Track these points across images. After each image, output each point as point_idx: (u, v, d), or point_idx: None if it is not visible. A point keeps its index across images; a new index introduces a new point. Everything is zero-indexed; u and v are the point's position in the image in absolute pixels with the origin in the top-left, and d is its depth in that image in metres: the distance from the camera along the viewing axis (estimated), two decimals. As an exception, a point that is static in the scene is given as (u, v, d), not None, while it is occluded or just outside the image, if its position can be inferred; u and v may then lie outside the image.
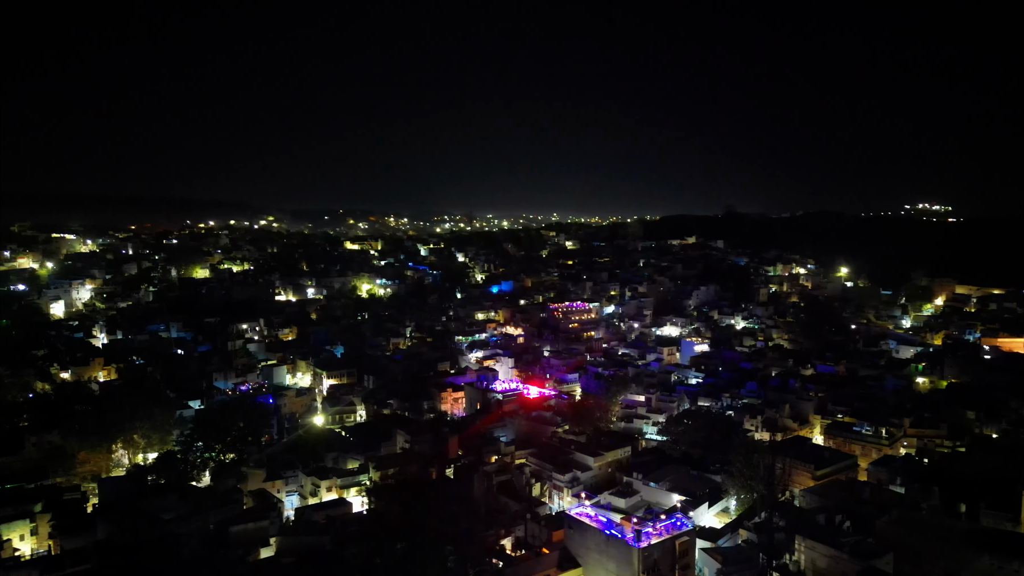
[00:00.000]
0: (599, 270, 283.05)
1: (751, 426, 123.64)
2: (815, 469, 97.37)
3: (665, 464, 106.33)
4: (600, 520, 73.72)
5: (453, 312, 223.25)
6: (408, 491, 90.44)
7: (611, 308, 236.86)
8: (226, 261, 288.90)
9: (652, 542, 68.19)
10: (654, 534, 68.76)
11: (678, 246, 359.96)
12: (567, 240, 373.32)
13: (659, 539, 68.28)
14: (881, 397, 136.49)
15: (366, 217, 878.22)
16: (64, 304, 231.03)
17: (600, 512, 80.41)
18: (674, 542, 69.19)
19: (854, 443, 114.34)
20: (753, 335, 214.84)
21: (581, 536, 72.90)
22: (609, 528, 71.31)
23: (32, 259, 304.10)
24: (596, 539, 70.25)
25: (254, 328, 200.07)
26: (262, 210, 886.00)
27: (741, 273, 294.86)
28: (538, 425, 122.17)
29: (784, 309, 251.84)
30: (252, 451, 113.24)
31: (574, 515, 75.93)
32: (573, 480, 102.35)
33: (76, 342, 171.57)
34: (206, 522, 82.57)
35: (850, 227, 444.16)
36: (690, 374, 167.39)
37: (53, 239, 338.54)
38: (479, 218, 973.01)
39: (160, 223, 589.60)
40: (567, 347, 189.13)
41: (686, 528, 72.44)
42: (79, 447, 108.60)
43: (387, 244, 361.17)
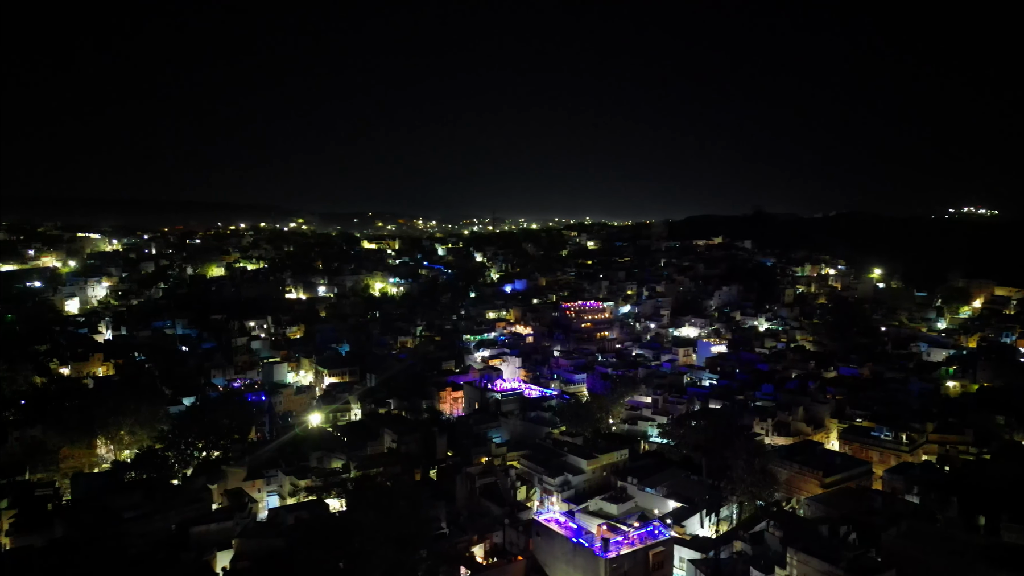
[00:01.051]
0: (617, 269, 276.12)
1: (761, 429, 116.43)
2: (823, 476, 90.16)
3: (664, 468, 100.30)
4: (570, 527, 67.92)
5: (465, 311, 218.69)
6: (381, 493, 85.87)
7: (627, 308, 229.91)
8: (242, 260, 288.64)
9: (622, 552, 62.15)
10: (625, 543, 62.68)
11: (703, 246, 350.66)
12: (588, 240, 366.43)
13: (630, 549, 62.19)
14: (904, 401, 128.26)
15: (395, 220, 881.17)
16: (79, 301, 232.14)
17: (579, 518, 74.65)
18: (647, 552, 63.14)
19: (871, 449, 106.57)
20: (776, 336, 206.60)
21: (549, 544, 67.30)
22: (578, 536, 65.58)
23: (55, 257, 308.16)
24: (563, 548, 64.58)
25: (261, 325, 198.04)
26: (293, 212, 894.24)
27: (767, 273, 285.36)
28: (534, 426, 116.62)
29: (810, 310, 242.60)
30: (236, 449, 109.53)
31: (542, 521, 70.10)
32: (564, 484, 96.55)
33: (79, 338, 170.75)
34: (167, 522, 78.70)
35: (886, 229, 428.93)
36: (704, 375, 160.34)
37: (78, 238, 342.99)
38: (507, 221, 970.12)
39: (192, 225, 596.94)
40: (578, 347, 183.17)
41: (662, 537, 66.28)
42: (60, 442, 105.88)
43: (404, 244, 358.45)
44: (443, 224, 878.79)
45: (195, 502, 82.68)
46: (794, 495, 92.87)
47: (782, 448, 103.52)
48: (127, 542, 71.16)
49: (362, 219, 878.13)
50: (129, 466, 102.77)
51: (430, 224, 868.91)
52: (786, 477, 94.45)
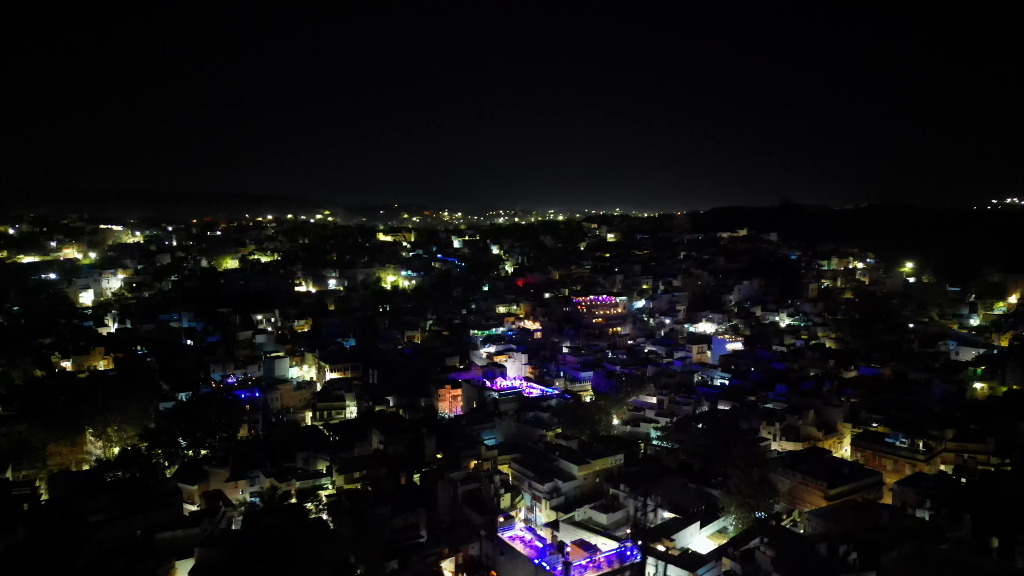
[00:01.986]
0: (634, 262, 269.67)
1: (768, 434, 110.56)
2: (827, 487, 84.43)
3: (661, 475, 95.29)
4: (536, 546, 63.44)
5: (475, 305, 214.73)
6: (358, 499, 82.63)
7: (641, 303, 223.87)
8: (257, 252, 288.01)
9: (586, 577, 57.57)
10: (591, 567, 58.02)
11: (727, 238, 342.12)
12: (609, 232, 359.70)
13: (596, 574, 57.51)
14: (925, 404, 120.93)
15: (420, 212, 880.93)
16: (93, 293, 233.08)
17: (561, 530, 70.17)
18: (614, 579, 58.44)
19: (885, 457, 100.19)
20: (796, 333, 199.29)
21: (512, 564, 63.06)
22: (542, 556, 61.03)
23: (77, 249, 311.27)
24: (525, 569, 60.18)
25: (269, 319, 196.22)
26: (319, 204, 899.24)
27: (791, 267, 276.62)
28: (529, 428, 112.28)
29: (835, 306, 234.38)
30: (223, 448, 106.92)
31: (506, 539, 65.72)
32: (553, 491, 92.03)
33: (83, 331, 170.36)
34: (132, 527, 75.94)
35: (920, 220, 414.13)
36: (716, 374, 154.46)
37: (100, 230, 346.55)
38: (534, 213, 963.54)
39: (220, 216, 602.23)
40: (587, 343, 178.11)
41: (633, 560, 61.39)
42: (45, 439, 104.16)
43: (420, 236, 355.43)
44: (469, 216, 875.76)
45: (164, 506, 79.62)
46: (797, 507, 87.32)
47: (786, 456, 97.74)
48: (85, 549, 68.68)
49: (388, 211, 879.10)
50: (111, 465, 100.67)
51: (455, 216, 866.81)
52: (789, 487, 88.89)
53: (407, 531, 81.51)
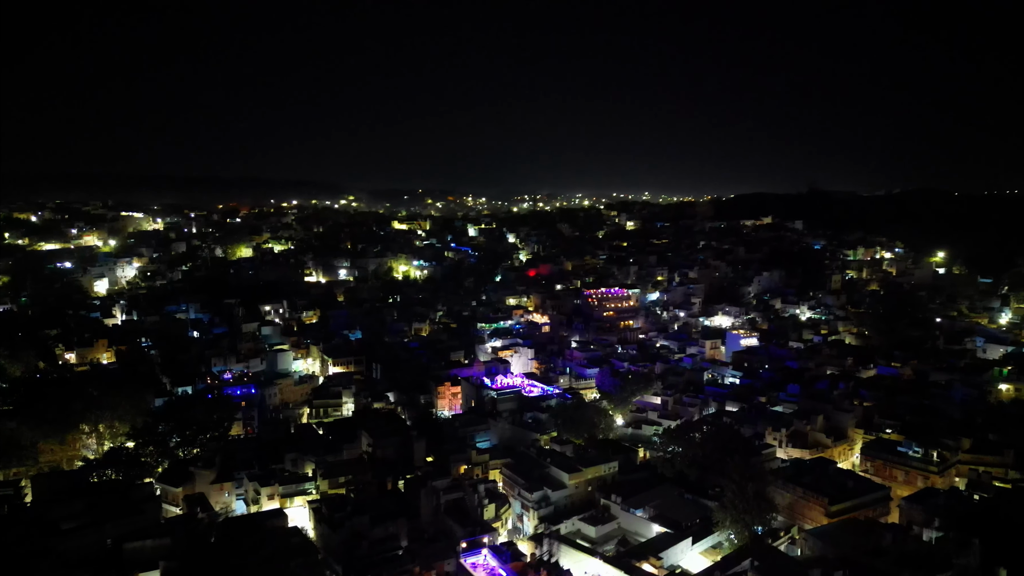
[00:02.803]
0: (651, 252, 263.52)
1: (773, 440, 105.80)
2: (829, 503, 79.76)
3: (656, 485, 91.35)
4: (498, 574, 59.89)
5: (486, 296, 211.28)
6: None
7: (655, 295, 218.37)
8: (272, 241, 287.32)
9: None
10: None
11: (750, 227, 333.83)
12: (628, 220, 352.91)
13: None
14: (943, 409, 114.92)
15: (444, 197, 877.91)
16: (108, 282, 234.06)
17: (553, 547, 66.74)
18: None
19: (896, 467, 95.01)
20: (816, 328, 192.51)
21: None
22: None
23: (97, 236, 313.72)
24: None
25: (277, 310, 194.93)
26: (345, 190, 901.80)
27: (814, 257, 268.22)
28: (523, 431, 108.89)
29: (859, 298, 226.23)
30: (213, 447, 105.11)
31: (468, 567, 62.33)
32: (542, 500, 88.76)
33: (90, 322, 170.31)
34: (104, 535, 74.15)
35: (954, 207, 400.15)
36: (727, 372, 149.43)
37: (121, 217, 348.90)
38: (560, 198, 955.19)
39: (245, 202, 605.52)
40: (596, 338, 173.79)
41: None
42: (34, 437, 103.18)
43: (435, 224, 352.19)
44: (493, 201, 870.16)
45: (136, 513, 77.70)
46: (797, 522, 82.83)
47: (789, 467, 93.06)
48: (43, 563, 66.93)
49: (412, 196, 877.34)
50: (97, 465, 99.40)
51: (479, 201, 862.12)
52: (789, 501, 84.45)
53: (386, 542, 78.73)
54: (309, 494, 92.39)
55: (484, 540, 73.29)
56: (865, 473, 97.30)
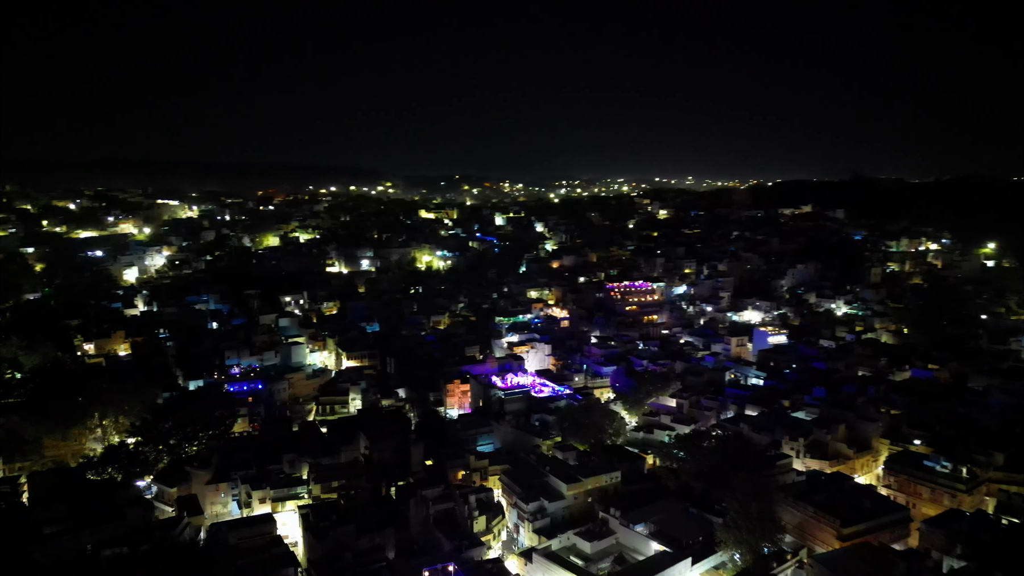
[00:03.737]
0: (681, 243, 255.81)
1: (791, 450, 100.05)
2: (841, 525, 74.24)
3: (660, 498, 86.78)
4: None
5: (508, 288, 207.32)
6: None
7: (682, 288, 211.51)
8: (299, 230, 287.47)
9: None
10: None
11: (788, 216, 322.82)
12: (661, 209, 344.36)
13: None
14: (978, 419, 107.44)
15: (481, 183, 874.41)
16: (137, 270, 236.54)
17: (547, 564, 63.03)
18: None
19: (921, 484, 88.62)
20: (852, 324, 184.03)
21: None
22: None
23: (133, 224, 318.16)
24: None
25: (297, 301, 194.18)
26: (382, 176, 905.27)
27: (853, 249, 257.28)
28: (526, 435, 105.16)
29: (900, 293, 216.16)
30: (212, 446, 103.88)
31: None
32: (538, 511, 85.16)
33: (109, 313, 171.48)
34: (83, 541, 72.96)
35: (1008, 195, 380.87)
36: (750, 372, 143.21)
37: (156, 205, 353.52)
38: (599, 183, 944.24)
39: (284, 189, 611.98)
40: (617, 333, 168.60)
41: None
42: (36, 433, 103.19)
43: (463, 213, 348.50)
44: (530, 187, 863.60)
45: (118, 519, 76.28)
46: (807, 543, 77.55)
47: (802, 482, 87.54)
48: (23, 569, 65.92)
49: (448, 183, 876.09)
50: (97, 463, 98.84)
51: (516, 187, 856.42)
52: (799, 521, 79.14)
53: (371, 553, 76.18)
54: (301, 498, 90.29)
55: (450, 568, 69.56)
56: (888, 489, 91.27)
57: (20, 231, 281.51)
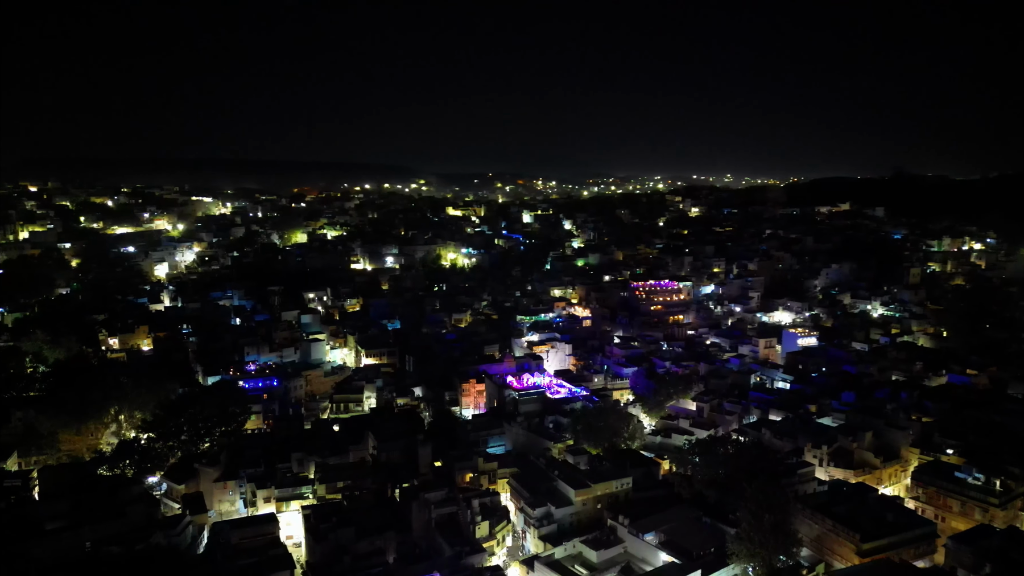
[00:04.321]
0: (711, 241, 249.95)
1: (813, 458, 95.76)
2: (860, 540, 70.25)
3: (673, 505, 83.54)
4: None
5: (531, 287, 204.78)
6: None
7: (710, 288, 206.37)
8: (327, 227, 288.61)
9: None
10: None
11: (825, 214, 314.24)
12: (693, 206, 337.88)
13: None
14: (1016, 428, 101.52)
15: (514, 181, 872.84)
16: (168, 266, 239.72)
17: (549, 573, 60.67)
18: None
19: (951, 496, 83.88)
20: (887, 326, 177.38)
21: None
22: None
23: (167, 220, 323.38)
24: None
25: (321, 298, 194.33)
26: (416, 173, 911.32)
27: (891, 248, 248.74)
28: (538, 438, 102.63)
29: (940, 294, 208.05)
30: (223, 442, 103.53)
31: None
32: (545, 517, 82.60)
33: (135, 308, 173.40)
34: (83, 538, 72.63)
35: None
36: (776, 375, 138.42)
37: (191, 201, 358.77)
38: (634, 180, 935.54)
39: (319, 186, 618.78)
40: (640, 333, 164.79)
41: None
42: (52, 427, 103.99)
43: (490, 210, 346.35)
44: (564, 185, 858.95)
45: (118, 516, 75.79)
46: (825, 558, 73.79)
47: (822, 492, 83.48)
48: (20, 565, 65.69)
49: (482, 180, 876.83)
50: (109, 458, 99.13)
51: (549, 185, 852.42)
52: (817, 534, 75.29)
53: (371, 557, 74.57)
54: (306, 498, 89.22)
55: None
56: (915, 501, 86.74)
57: (58, 227, 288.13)
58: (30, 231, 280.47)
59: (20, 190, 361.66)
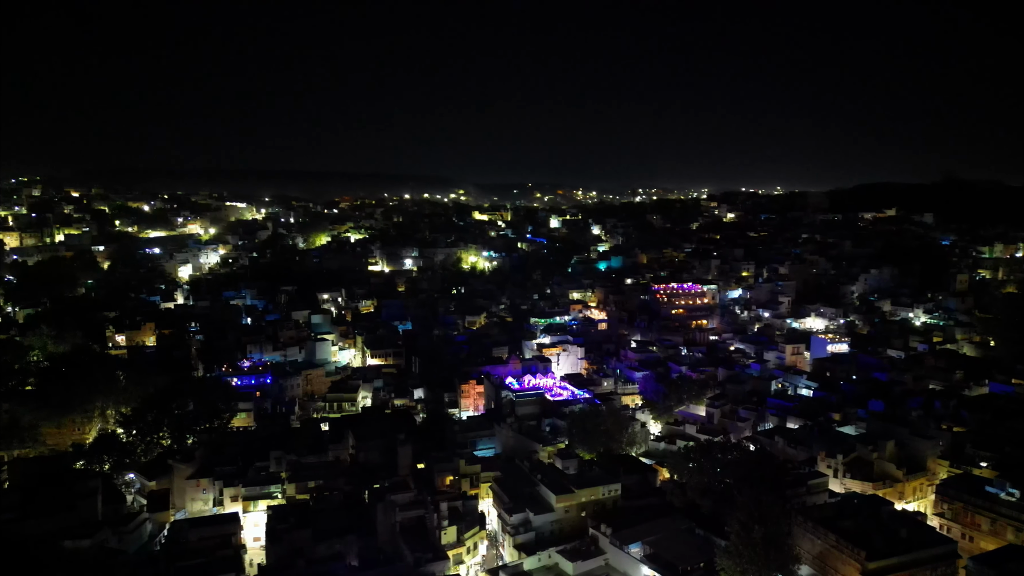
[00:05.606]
0: (739, 245, 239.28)
1: (827, 468, 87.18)
2: (866, 558, 61.99)
3: (665, 514, 76.23)
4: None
5: (550, 290, 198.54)
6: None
7: (737, 292, 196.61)
8: (352, 231, 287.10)
9: None
10: None
11: (869, 220, 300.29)
12: (729, 212, 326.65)
13: None
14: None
15: (554, 191, 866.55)
16: (192, 267, 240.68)
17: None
18: None
19: (980, 513, 74.61)
20: (930, 335, 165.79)
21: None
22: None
23: (200, 225, 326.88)
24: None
25: (336, 299, 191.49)
26: (455, 183, 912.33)
27: (938, 253, 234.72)
28: (527, 440, 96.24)
29: (989, 302, 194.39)
30: (204, 439, 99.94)
31: None
32: (522, 524, 76.29)
33: (146, 306, 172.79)
34: (25, 532, 68.98)
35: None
36: (799, 382, 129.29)
37: (225, 207, 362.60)
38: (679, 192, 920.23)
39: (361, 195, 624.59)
40: (660, 337, 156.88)
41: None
42: (33, 419, 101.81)
43: (517, 215, 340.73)
44: (604, 195, 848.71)
45: (68, 510, 72.05)
46: None
47: (829, 504, 75.07)
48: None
49: (521, 190, 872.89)
50: (87, 451, 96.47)
51: (590, 195, 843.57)
52: (820, 550, 67.11)
53: (330, 561, 69.22)
54: (275, 498, 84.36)
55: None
56: (940, 518, 77.64)
57: (93, 230, 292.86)
58: (66, 234, 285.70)
59: (63, 195, 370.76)
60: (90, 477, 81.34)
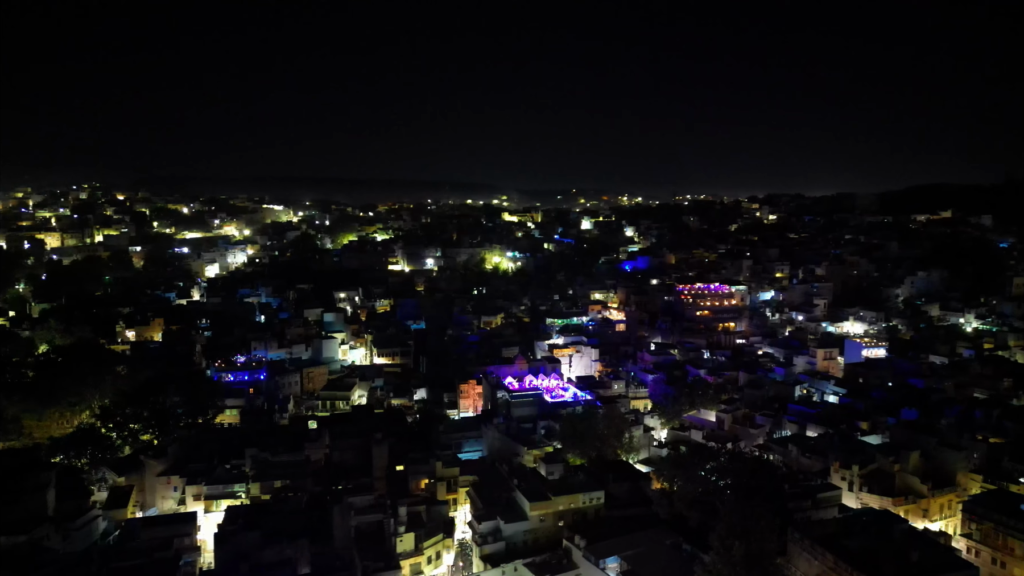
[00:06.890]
0: (777, 246, 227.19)
1: (841, 480, 78.27)
2: (867, 585, 53.59)
3: (649, 527, 68.86)
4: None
5: (572, 290, 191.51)
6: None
7: (769, 294, 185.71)
8: (379, 231, 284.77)
9: None
10: None
11: (922, 222, 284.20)
12: (771, 213, 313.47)
13: None
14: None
15: (598, 196, 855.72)
16: (219, 267, 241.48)
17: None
18: None
19: (1013, 536, 65.02)
20: (979, 340, 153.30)
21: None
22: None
23: (235, 227, 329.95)
24: None
25: (352, 298, 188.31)
26: (498, 189, 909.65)
27: (994, 256, 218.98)
28: (513, 443, 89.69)
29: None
30: (180, 435, 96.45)
31: None
32: (492, 533, 69.73)
33: (159, 302, 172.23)
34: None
35: None
36: (827, 387, 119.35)
37: (261, 209, 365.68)
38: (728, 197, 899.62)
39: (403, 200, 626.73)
40: (681, 340, 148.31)
41: None
42: (16, 411, 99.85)
43: (547, 216, 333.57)
44: (649, 200, 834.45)
45: (12, 503, 68.58)
46: (824, 605, 57.25)
47: (832, 520, 66.48)
48: None
49: (565, 196, 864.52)
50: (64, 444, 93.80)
51: (635, 200, 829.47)
52: (818, 572, 58.83)
53: (277, 567, 63.90)
54: (238, 498, 79.78)
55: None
56: (967, 539, 68.18)
57: (131, 231, 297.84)
58: (105, 235, 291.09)
59: (109, 198, 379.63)
60: (45, 470, 77.87)
